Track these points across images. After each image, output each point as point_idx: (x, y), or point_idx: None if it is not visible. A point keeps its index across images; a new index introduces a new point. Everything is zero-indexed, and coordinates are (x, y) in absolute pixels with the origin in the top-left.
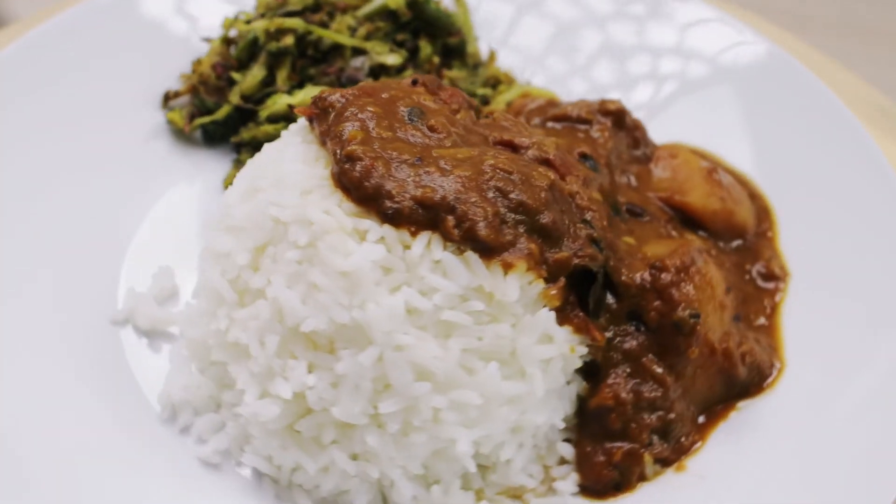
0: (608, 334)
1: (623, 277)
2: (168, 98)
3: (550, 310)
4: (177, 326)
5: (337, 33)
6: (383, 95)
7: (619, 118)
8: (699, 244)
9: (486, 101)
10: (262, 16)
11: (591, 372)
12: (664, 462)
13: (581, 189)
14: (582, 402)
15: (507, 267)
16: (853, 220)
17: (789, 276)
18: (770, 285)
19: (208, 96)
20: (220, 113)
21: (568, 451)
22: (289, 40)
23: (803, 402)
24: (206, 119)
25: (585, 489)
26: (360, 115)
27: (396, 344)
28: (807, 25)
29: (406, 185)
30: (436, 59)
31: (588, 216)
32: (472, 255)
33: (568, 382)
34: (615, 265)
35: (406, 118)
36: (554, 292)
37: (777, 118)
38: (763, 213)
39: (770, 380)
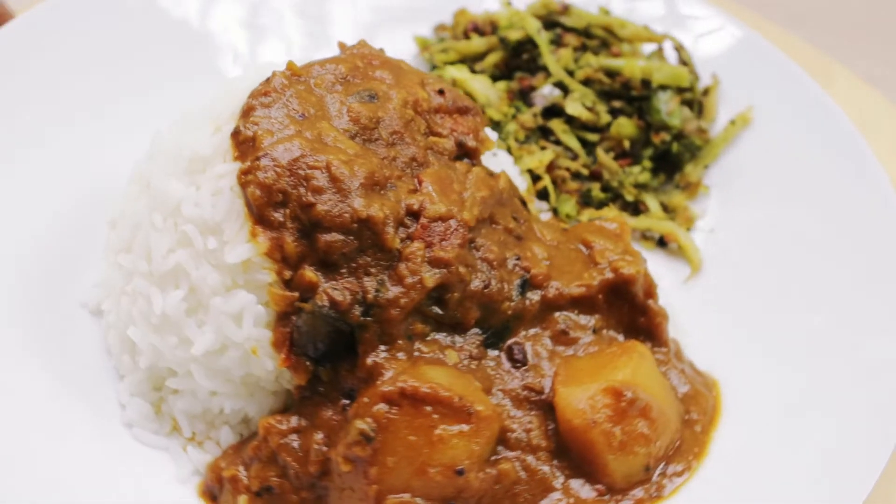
0: (321, 388)
1: (367, 356)
2: (437, 28)
3: (262, 305)
4: None
5: (556, 60)
6: (377, 73)
7: (618, 284)
8: (487, 415)
9: (637, 210)
10: (549, 13)
11: None
12: None
13: (418, 261)
14: None
15: (252, 235)
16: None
17: None
18: None
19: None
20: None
21: (227, 440)
22: (514, 35)
23: None
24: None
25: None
26: (328, 65)
27: (151, 218)
28: (800, 20)
29: (264, 122)
30: (626, 143)
31: (391, 289)
32: (241, 205)
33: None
34: (370, 339)
35: (357, 95)
36: (277, 293)
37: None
38: (659, 489)
39: None
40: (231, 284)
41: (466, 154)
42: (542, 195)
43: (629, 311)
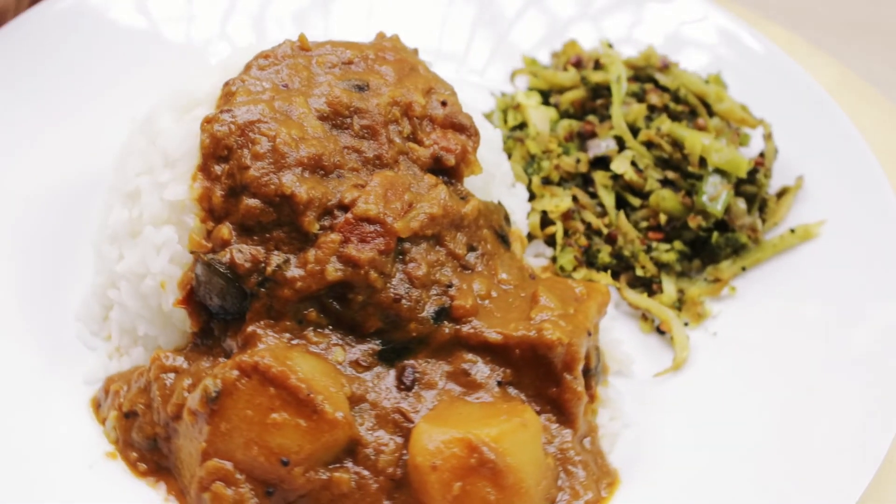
0: (209, 341)
1: (250, 324)
2: (553, 54)
3: (181, 245)
4: None
5: (625, 113)
6: (382, 67)
7: (536, 345)
8: (332, 419)
9: (650, 287)
10: (647, 66)
11: None
12: None
13: (328, 252)
14: None
15: (192, 179)
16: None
17: None
18: None
19: (551, 69)
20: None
21: (137, 360)
22: (594, 77)
23: None
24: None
25: None
26: (338, 48)
27: (138, 141)
28: (800, 20)
29: (250, 81)
30: (662, 217)
31: (292, 270)
32: (197, 147)
33: None
34: (259, 309)
35: (348, 81)
36: (193, 238)
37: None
38: None
39: None
40: (166, 218)
41: (444, 170)
42: (554, 241)
43: (543, 377)
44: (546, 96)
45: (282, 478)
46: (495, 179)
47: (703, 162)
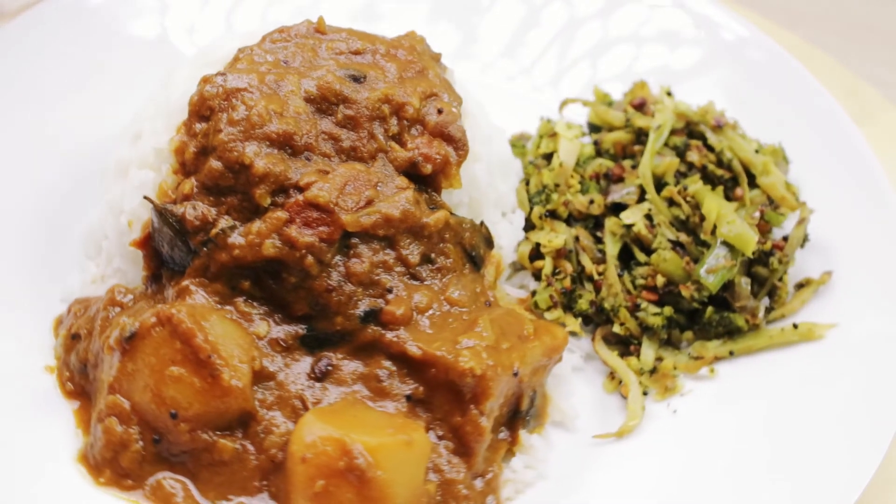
0: (155, 287)
1: (186, 279)
2: (626, 92)
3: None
4: None
5: (655, 164)
6: (387, 64)
7: (449, 370)
8: (227, 386)
9: (628, 347)
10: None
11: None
12: None
13: (270, 228)
14: None
15: (176, 130)
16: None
17: None
18: None
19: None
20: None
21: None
22: (638, 121)
23: None
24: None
25: None
26: (351, 37)
27: (159, 89)
28: (800, 21)
29: (257, 51)
30: (659, 279)
31: (234, 236)
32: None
33: None
34: (198, 266)
35: (347, 70)
36: (161, 187)
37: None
38: None
39: None
40: (149, 163)
41: (422, 177)
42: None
43: (452, 403)
44: (598, 132)
45: (168, 429)
46: (488, 200)
47: (716, 231)
